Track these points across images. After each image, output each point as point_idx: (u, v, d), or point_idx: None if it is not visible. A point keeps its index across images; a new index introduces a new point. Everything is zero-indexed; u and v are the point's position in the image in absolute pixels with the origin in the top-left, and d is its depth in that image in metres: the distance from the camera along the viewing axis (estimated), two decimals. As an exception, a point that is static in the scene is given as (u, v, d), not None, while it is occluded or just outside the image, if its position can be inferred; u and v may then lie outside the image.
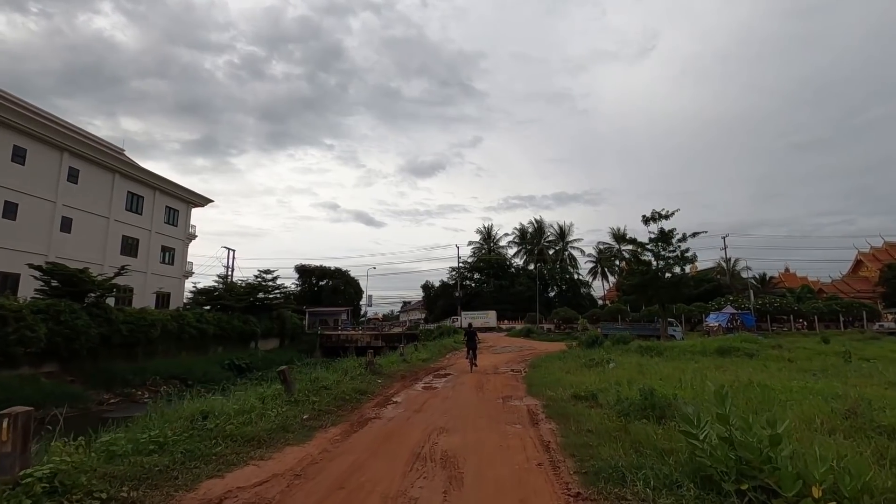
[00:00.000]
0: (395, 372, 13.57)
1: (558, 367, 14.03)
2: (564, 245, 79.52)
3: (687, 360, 15.45)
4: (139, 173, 38.75)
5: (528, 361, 18.77)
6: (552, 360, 16.82)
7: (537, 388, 10.61)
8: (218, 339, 35.41)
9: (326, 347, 49.29)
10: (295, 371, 10.75)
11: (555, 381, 11.00)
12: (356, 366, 12.33)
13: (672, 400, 6.43)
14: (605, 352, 17.74)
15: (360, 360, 13.23)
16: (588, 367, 13.67)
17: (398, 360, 16.09)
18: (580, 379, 10.84)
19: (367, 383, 10.61)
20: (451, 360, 19.57)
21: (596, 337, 20.12)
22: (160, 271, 40.73)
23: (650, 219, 32.16)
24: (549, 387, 10.21)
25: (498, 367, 16.76)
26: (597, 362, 14.15)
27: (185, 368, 28.65)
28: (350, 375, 10.79)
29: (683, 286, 30.03)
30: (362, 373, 11.52)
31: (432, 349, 22.76)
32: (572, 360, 15.54)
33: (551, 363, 15.54)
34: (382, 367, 13.63)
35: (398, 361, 15.93)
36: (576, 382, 10.25)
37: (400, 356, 17.10)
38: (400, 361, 16.01)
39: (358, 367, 12.12)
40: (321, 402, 7.85)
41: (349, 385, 9.79)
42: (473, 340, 16.17)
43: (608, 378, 10.72)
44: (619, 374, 11.13)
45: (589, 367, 13.50)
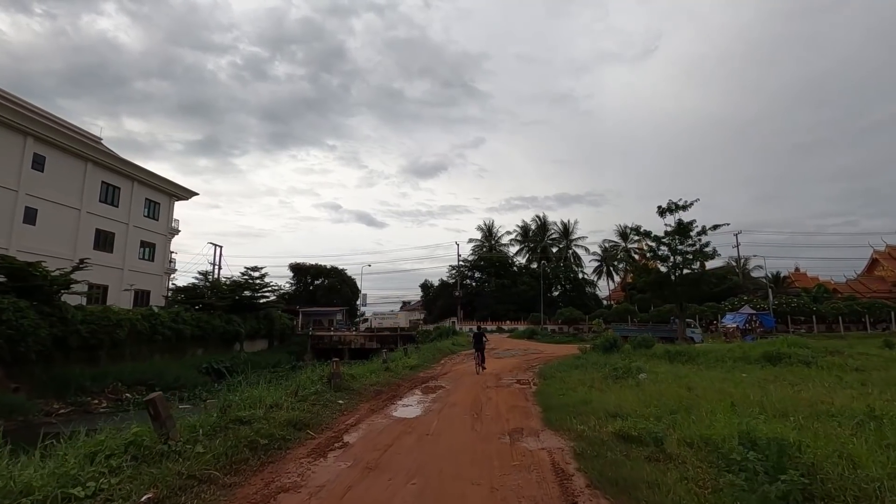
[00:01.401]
0: (369, 386, 10.78)
1: (577, 379, 11.27)
2: (568, 243, 76.78)
3: (731, 369, 12.73)
4: (115, 163, 36.12)
5: (535, 369, 16.07)
6: (566, 367, 14.07)
7: (558, 413, 7.68)
8: (197, 341, 32.77)
9: (318, 349, 46.65)
10: (236, 386, 8.02)
11: (580, 401, 8.21)
12: (316, 379, 9.56)
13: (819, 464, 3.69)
14: (626, 357, 15.01)
15: (328, 368, 10.37)
16: (614, 378, 10.96)
17: (379, 369, 13.30)
18: (612, 398, 8.09)
19: (321, 407, 7.68)
20: (445, 367, 16.83)
21: (613, 340, 17.46)
22: (139, 267, 38.09)
23: (666, 210, 29.46)
24: (575, 412, 7.44)
25: (501, 377, 14.04)
26: (623, 372, 11.43)
27: (155, 373, 25.97)
28: (301, 394, 7.99)
29: (703, 284, 27.32)
30: (321, 389, 8.73)
31: (425, 353, 20.05)
32: (592, 369, 12.80)
33: (567, 373, 12.77)
34: (354, 378, 10.83)
35: (378, 370, 13.12)
36: (609, 405, 7.52)
37: (382, 363, 14.34)
38: (381, 370, 13.23)
39: (318, 381, 9.34)
40: (210, 454, 4.76)
41: (286, 414, 6.70)
42: (481, 342, 15.82)
43: (649, 396, 8.01)
44: (661, 391, 8.42)
45: (615, 380, 10.78)
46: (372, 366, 13.75)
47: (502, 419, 7.79)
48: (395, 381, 12.17)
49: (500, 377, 13.97)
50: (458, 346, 28.51)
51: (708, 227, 28.62)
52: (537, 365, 18.11)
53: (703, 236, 28.16)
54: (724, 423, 5.43)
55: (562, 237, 77.50)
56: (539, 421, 7.52)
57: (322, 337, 47.71)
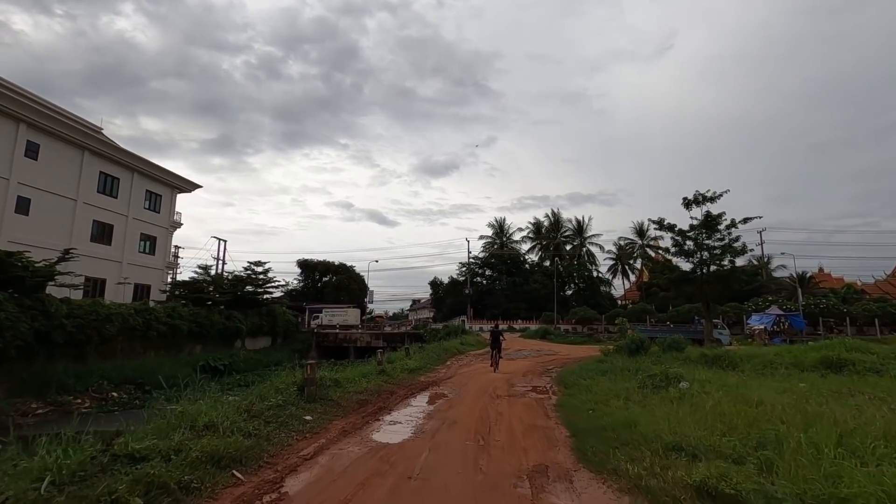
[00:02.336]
0: (354, 395, 8.92)
1: (607, 388, 9.40)
2: (582, 241, 74.45)
3: (785, 377, 10.78)
4: (114, 152, 34.94)
5: (552, 373, 14.25)
6: (589, 372, 12.18)
7: (594, 441, 5.74)
8: (195, 338, 31.38)
9: (323, 347, 45.17)
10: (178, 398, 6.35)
11: (620, 422, 6.32)
12: (285, 386, 7.79)
13: None
14: (659, 362, 13.12)
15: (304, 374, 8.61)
16: (652, 388, 9.09)
17: (372, 372, 11.52)
18: (661, 418, 6.19)
19: (276, 427, 5.84)
20: (450, 370, 15.07)
21: (640, 341, 15.53)
22: (138, 261, 36.93)
23: (692, 202, 27.34)
24: (617, 439, 5.63)
25: (513, 382, 12.24)
26: (660, 380, 9.56)
27: (146, 371, 24.60)
28: (257, 408, 6.18)
29: (733, 281, 25.19)
30: (288, 400, 6.92)
31: (430, 353, 18.28)
32: (621, 376, 10.90)
33: (592, 380, 10.82)
34: (338, 384, 9.05)
35: (372, 374, 11.33)
36: (661, 428, 5.64)
37: (377, 365, 12.65)
38: (374, 374, 11.47)
39: (287, 389, 7.56)
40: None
41: (212, 443, 4.66)
42: (498, 341, 15.96)
43: (708, 415, 6.17)
44: (720, 408, 6.56)
45: (653, 390, 8.92)
46: (365, 368, 12.02)
47: (518, 448, 5.89)
48: (388, 387, 10.40)
49: (513, 383, 12.17)
50: (467, 346, 26.74)
51: (737, 220, 26.49)
52: (553, 368, 16.27)
53: (733, 230, 26.01)
54: (848, 471, 3.63)
55: (575, 235, 75.22)
56: (569, 453, 5.58)
57: (327, 334, 46.23)
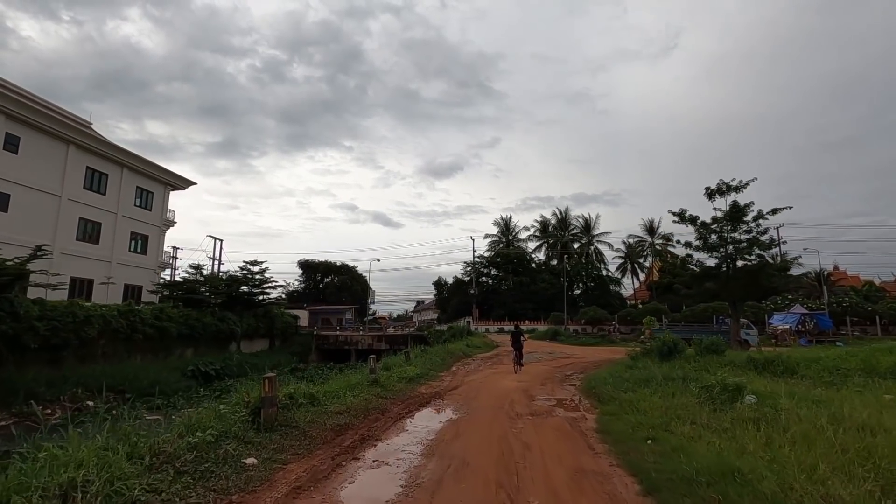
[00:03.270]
0: (332, 416, 6.93)
1: (658, 405, 7.42)
2: (590, 239, 72.39)
3: (865, 387, 8.82)
4: (101, 147, 33.29)
5: (573, 379, 12.33)
6: (625, 381, 10.06)
7: None
8: (186, 340, 29.65)
9: (323, 350, 43.44)
10: None
11: (713, 467, 4.24)
12: (232, 410, 5.81)
13: None
14: (699, 367, 11.17)
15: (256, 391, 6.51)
16: (713, 403, 7.18)
17: (362, 383, 9.54)
18: (768, 458, 4.27)
19: (189, 485, 3.86)
20: (455, 378, 13.16)
21: (674, 343, 13.52)
22: (129, 261, 35.23)
23: (715, 192, 25.29)
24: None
25: (532, 393, 10.33)
26: (718, 392, 7.63)
27: (128, 377, 22.86)
28: (180, 445, 4.21)
29: (763, 277, 23.15)
30: (229, 430, 4.90)
31: (433, 357, 16.32)
32: (667, 387, 8.88)
33: (635, 393, 8.82)
34: (316, 402, 7.06)
35: (361, 385, 9.35)
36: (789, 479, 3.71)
37: (369, 373, 10.46)
38: (364, 385, 9.49)
39: (237, 413, 5.60)
40: None
41: None
42: (520, 342, 15.87)
43: (831, 453, 4.25)
44: (839, 438, 4.66)
45: (716, 406, 7.01)
46: (354, 378, 10.08)
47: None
48: (379, 403, 8.43)
49: (532, 394, 10.26)
50: (473, 349, 24.84)
51: (765, 211, 24.44)
52: (573, 374, 14.34)
53: (761, 221, 23.95)
54: None
55: (583, 233, 73.17)
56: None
57: (327, 336, 44.44)
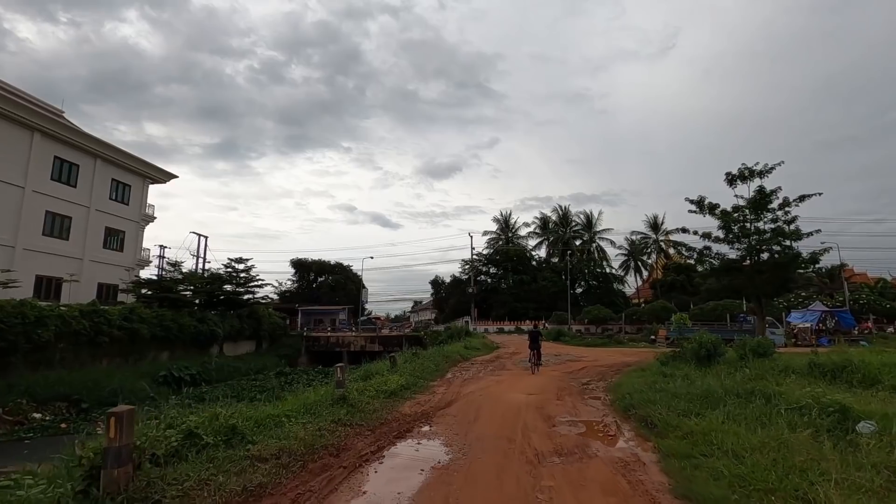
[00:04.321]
0: (243, 470, 4.46)
1: (751, 441, 4.89)
2: (592, 236, 70.13)
3: None
4: (71, 135, 30.95)
5: (594, 390, 10.05)
6: (672, 396, 7.67)
7: None
8: (160, 343, 27.34)
9: (314, 352, 41.15)
10: None
11: None
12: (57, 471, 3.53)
13: None
14: (755, 375, 8.93)
15: None
16: (816, 432, 4.96)
17: (324, 401, 7.14)
18: None
19: None
20: (451, 388, 10.85)
21: (714, 345, 11.27)
22: (103, 258, 32.90)
23: (737, 177, 23.10)
24: None
25: (551, 413, 8.01)
26: (817, 415, 5.38)
27: (90, 384, 20.63)
28: None
29: (793, 270, 20.96)
30: None
31: (424, 362, 13.94)
32: (747, 409, 6.47)
33: (704, 419, 6.24)
34: (236, 437, 4.60)
35: (322, 404, 6.99)
36: None
37: (336, 388, 7.67)
38: (328, 404, 7.12)
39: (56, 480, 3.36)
40: None
41: None
42: (538, 342, 15.67)
43: None
44: None
45: (821, 437, 4.80)
46: (314, 395, 7.66)
47: None
48: (335, 437, 5.96)
49: (549, 413, 7.99)
50: (472, 351, 22.56)
51: (791, 198, 22.20)
52: (591, 382, 12.07)
53: (788, 209, 21.71)
54: None
55: (584, 229, 70.93)
56: None
57: (318, 338, 42.15)
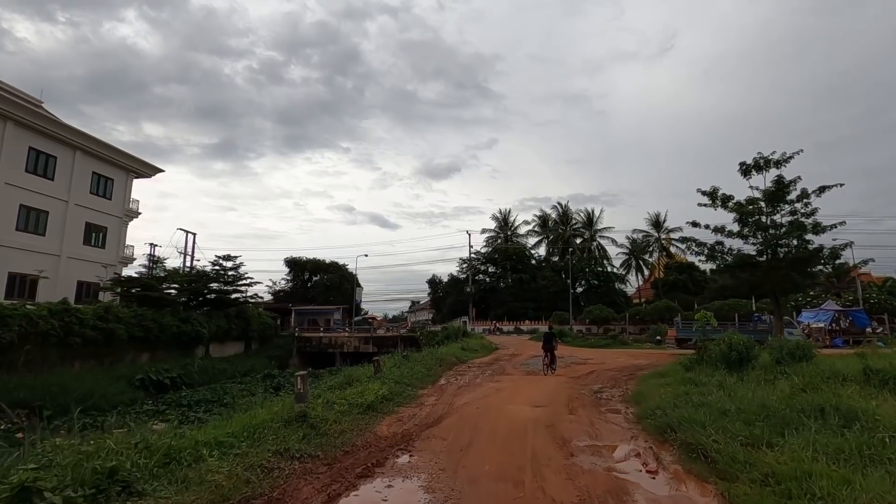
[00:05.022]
0: None
1: (866, 491, 3.73)
2: (593, 234, 68.76)
3: None
4: (47, 125, 29.41)
5: (611, 400, 8.60)
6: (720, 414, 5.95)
7: None
8: (140, 345, 25.83)
9: (306, 353, 39.67)
10: None
11: None
12: None
13: None
14: (808, 385, 7.50)
15: None
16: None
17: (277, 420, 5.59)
18: None
19: None
20: (442, 397, 9.36)
21: (746, 348, 9.79)
22: (83, 255, 31.36)
23: (752, 167, 21.67)
24: None
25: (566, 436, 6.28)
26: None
27: (57, 389, 19.11)
28: None
29: (814, 265, 19.56)
30: None
31: (416, 366, 12.37)
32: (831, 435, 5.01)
33: (781, 452, 4.60)
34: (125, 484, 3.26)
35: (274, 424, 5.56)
36: None
37: (296, 401, 6.28)
38: (281, 422, 5.70)
39: None
40: None
41: None
42: (551, 344, 15.38)
43: None
44: None
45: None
46: (266, 413, 5.99)
47: None
48: (277, 480, 4.43)
49: (564, 435, 6.46)
50: (469, 353, 21.09)
51: (810, 189, 20.76)
52: (603, 389, 10.59)
53: (807, 201, 20.29)
54: None
55: (585, 227, 69.55)
56: None
57: (310, 339, 40.65)
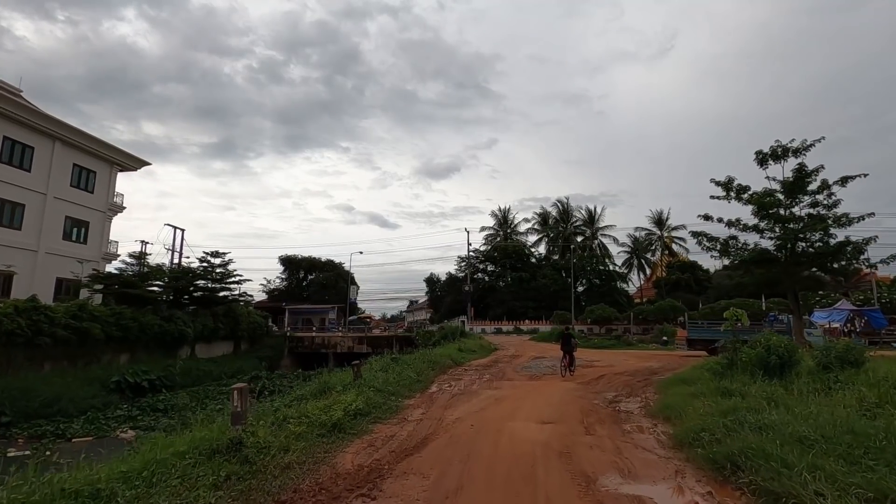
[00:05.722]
0: None
1: None
2: (594, 232, 67.38)
3: None
4: (22, 113, 27.94)
5: (631, 413, 7.24)
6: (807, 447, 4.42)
7: None
8: (119, 345, 24.42)
9: (298, 354, 38.24)
10: None
11: None
12: None
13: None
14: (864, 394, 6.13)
15: None
16: None
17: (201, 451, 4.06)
18: None
19: None
20: (431, 412, 7.93)
21: (787, 352, 8.37)
22: (63, 250, 29.92)
23: (768, 156, 20.30)
24: None
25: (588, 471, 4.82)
26: None
27: (15, 393, 17.75)
28: None
29: (840, 260, 18.21)
30: None
31: (405, 370, 10.87)
32: None
33: None
34: None
35: (194, 456, 3.91)
36: None
37: (232, 423, 4.66)
38: (204, 455, 4.13)
39: None
40: None
41: None
42: (570, 343, 14.82)
43: None
44: None
45: None
46: (193, 438, 4.63)
47: None
48: None
49: (581, 464, 4.98)
50: (467, 354, 19.68)
51: (831, 180, 19.39)
52: (618, 397, 9.18)
53: (830, 192, 18.93)
54: None
55: (586, 225, 68.15)
56: None
57: (302, 339, 39.19)
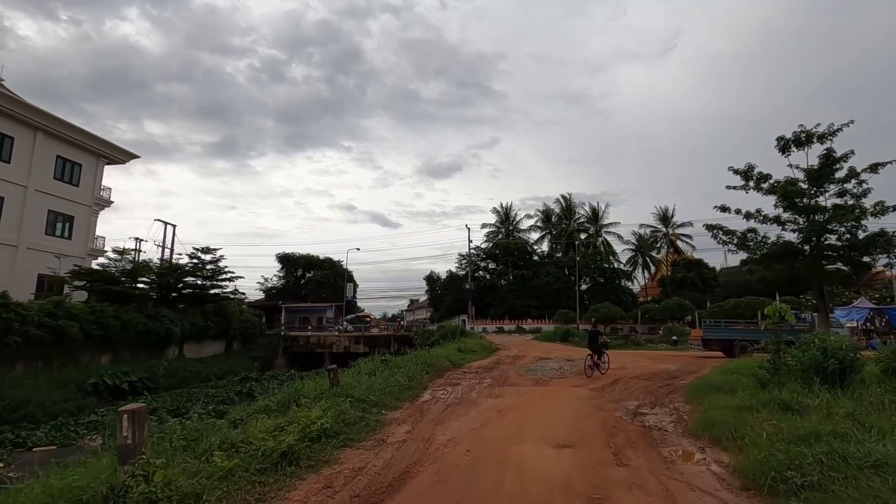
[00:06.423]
0: None
1: None
2: (598, 229, 65.88)
3: None
4: (2, 102, 26.63)
5: (667, 432, 5.90)
6: None
7: None
8: (100, 345, 23.10)
9: (292, 353, 36.97)
10: None
11: None
12: None
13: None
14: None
15: None
16: None
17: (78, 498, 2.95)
18: None
19: None
20: (418, 430, 6.47)
21: (849, 358, 6.96)
22: (45, 245, 28.63)
23: (791, 142, 18.78)
24: None
25: None
26: None
27: (-16, 396, 16.38)
28: None
29: (874, 252, 16.77)
30: None
31: (394, 375, 9.41)
32: None
33: None
34: None
35: None
36: None
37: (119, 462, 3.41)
38: None
39: None
40: None
41: None
42: (597, 341, 14.53)
43: None
44: None
45: None
46: (65, 481, 3.29)
47: None
48: None
49: None
50: (466, 354, 18.29)
51: (859, 168, 17.84)
52: (642, 406, 7.80)
53: (861, 180, 17.43)
54: None
55: (590, 223, 66.67)
56: None
57: (297, 338, 37.87)
